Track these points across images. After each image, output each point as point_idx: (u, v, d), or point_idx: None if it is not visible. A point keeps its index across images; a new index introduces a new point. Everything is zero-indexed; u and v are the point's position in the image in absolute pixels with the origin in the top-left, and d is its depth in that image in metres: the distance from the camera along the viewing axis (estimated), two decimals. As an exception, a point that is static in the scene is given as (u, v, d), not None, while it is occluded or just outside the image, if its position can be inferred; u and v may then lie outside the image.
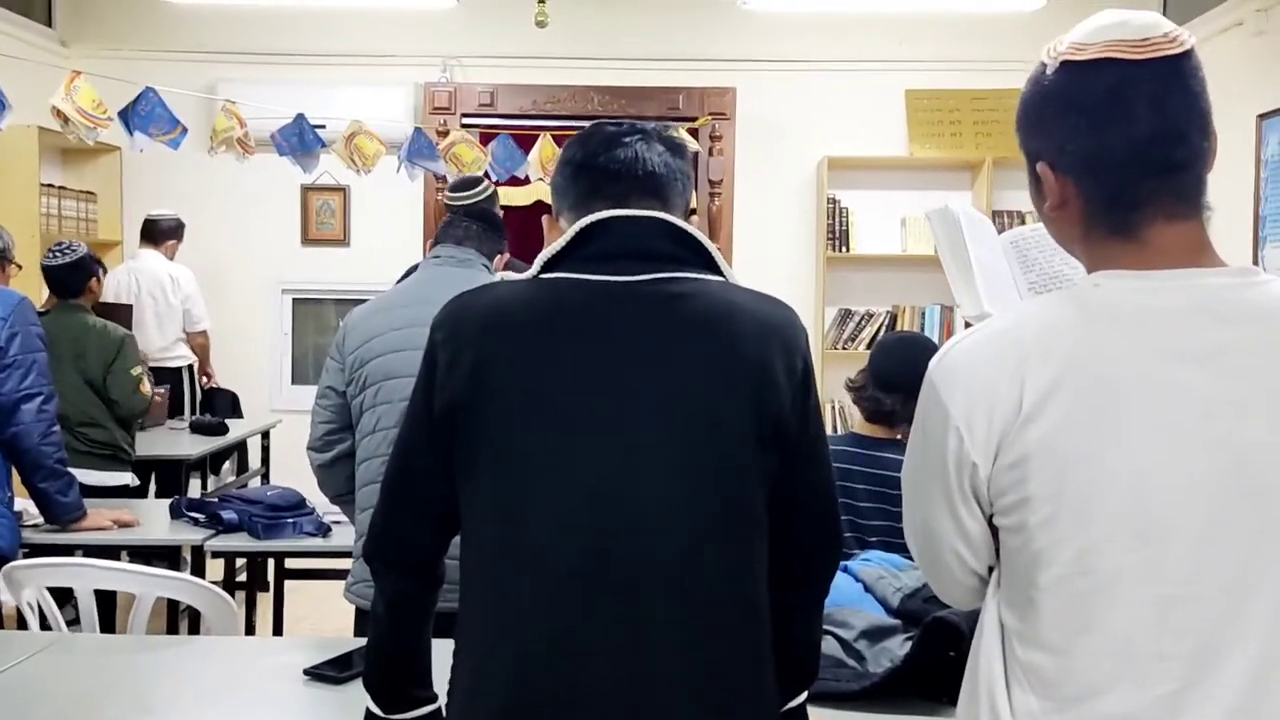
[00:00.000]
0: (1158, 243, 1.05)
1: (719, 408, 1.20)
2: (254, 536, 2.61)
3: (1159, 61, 1.04)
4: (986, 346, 1.07)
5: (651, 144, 1.31)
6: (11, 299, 2.58)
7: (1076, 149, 1.07)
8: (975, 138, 6.00)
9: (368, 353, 2.26)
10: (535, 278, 1.27)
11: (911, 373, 2.42)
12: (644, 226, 1.26)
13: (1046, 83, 1.09)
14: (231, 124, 3.67)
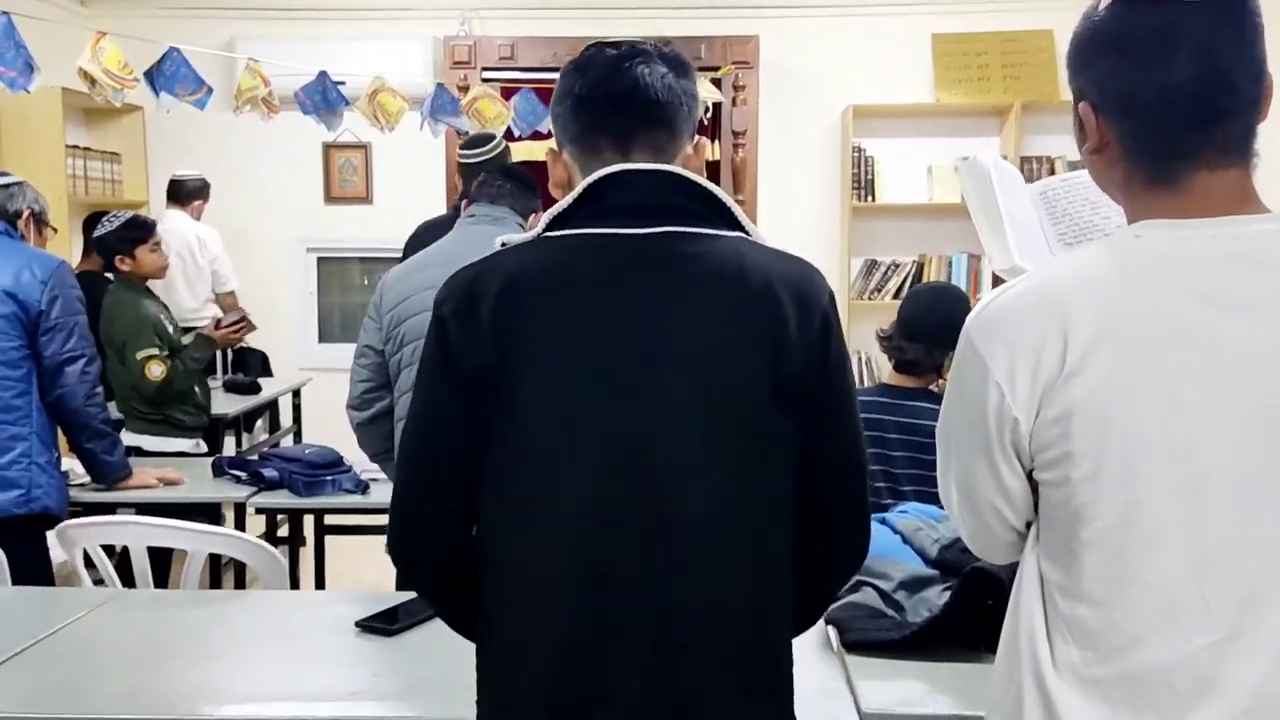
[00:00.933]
0: (1199, 191, 1.04)
1: (734, 366, 1.18)
2: (295, 493, 2.66)
3: (1209, 4, 1.02)
4: (1027, 299, 1.06)
5: (653, 65, 1.26)
6: (51, 263, 2.61)
7: (1117, 91, 1.06)
8: (1004, 81, 5.92)
9: (404, 311, 2.28)
10: (542, 236, 1.23)
11: (935, 321, 2.47)
12: (655, 179, 1.22)
13: (1096, 19, 1.08)
14: (256, 83, 3.68)
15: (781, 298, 1.19)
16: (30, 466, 2.47)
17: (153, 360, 3.42)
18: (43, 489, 2.49)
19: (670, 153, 1.26)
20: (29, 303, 2.52)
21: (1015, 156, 5.73)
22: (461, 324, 1.19)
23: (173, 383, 3.41)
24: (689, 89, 1.28)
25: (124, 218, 3.65)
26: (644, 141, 1.24)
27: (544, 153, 4.75)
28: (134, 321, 3.46)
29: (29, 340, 2.53)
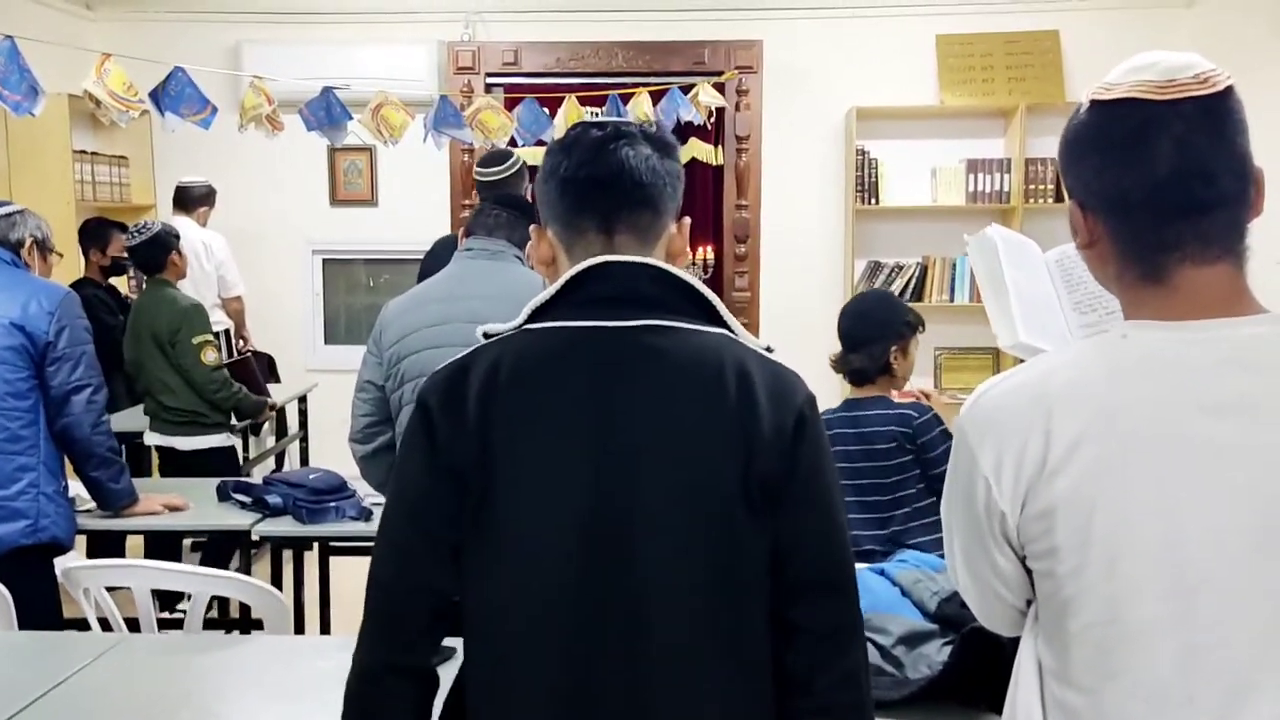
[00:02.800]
0: (1187, 289, 1.05)
1: (710, 467, 1.17)
2: (299, 521, 2.68)
3: (1185, 102, 1.03)
4: (1015, 396, 1.08)
5: (638, 147, 1.25)
6: (57, 293, 2.63)
7: (1101, 189, 1.08)
8: (1008, 83, 5.89)
9: (404, 348, 2.29)
10: (524, 328, 1.24)
11: (865, 325, 2.56)
12: (636, 272, 1.22)
13: (1078, 121, 1.11)
14: (260, 101, 3.68)
15: (758, 398, 1.18)
16: (38, 497, 2.50)
17: (208, 345, 3.59)
18: (50, 518, 2.52)
19: (655, 233, 1.27)
20: (36, 334, 2.54)
21: (1019, 158, 5.72)
22: (446, 419, 1.20)
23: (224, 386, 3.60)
24: (673, 169, 1.28)
25: (154, 228, 3.81)
26: (628, 224, 1.25)
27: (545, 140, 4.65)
28: (184, 310, 3.64)
29: (36, 370, 2.55)
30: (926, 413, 2.49)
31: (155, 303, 3.66)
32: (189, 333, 3.47)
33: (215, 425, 3.63)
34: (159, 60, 5.97)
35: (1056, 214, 5.82)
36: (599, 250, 1.25)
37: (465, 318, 2.28)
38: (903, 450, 2.45)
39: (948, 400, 5.95)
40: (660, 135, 1.29)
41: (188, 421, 3.56)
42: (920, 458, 2.45)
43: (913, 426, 2.45)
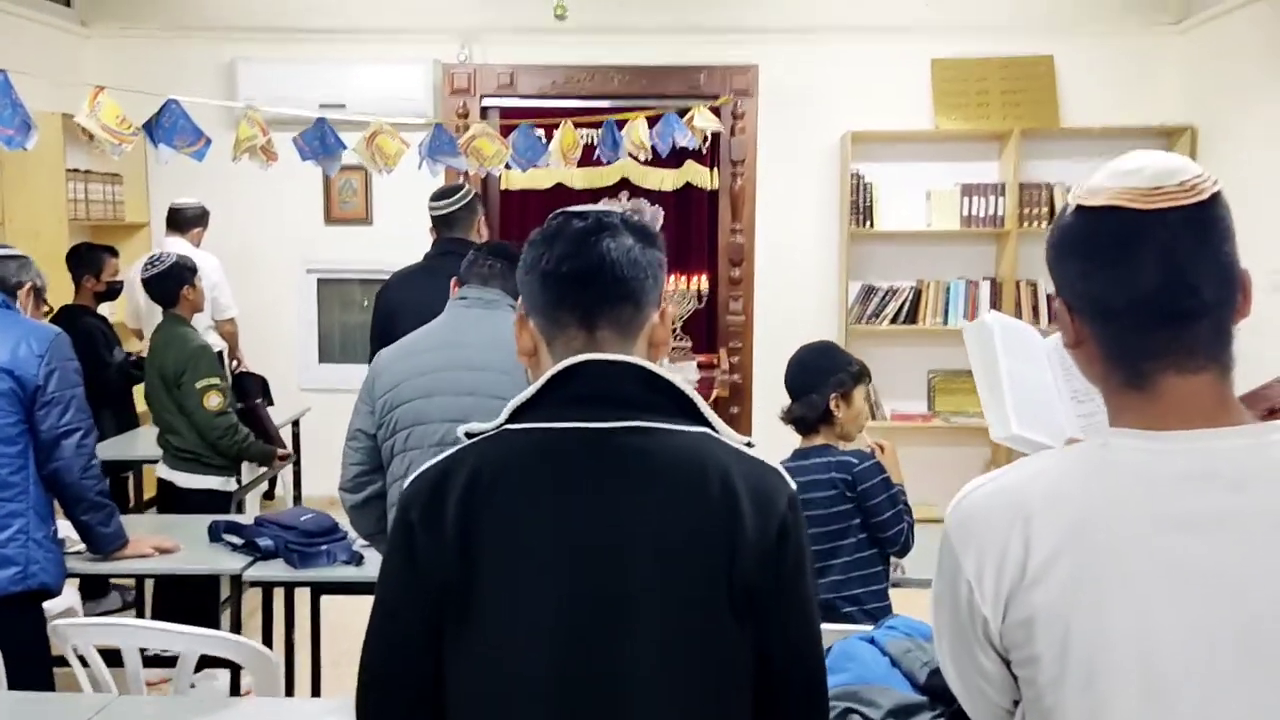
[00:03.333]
0: (1171, 397, 1.04)
1: (692, 573, 1.17)
2: (290, 565, 2.67)
3: (1170, 211, 1.03)
4: (996, 500, 1.08)
5: (620, 239, 1.25)
6: (47, 335, 2.61)
7: (1086, 293, 1.07)
8: (1003, 108, 5.91)
9: (397, 397, 2.29)
10: (504, 429, 1.23)
11: (802, 374, 2.62)
12: (619, 372, 1.22)
13: (1064, 223, 1.10)
14: (254, 132, 3.67)
15: (741, 501, 1.18)
16: (27, 543, 2.48)
17: (213, 390, 3.52)
18: (39, 564, 2.50)
19: (636, 326, 1.26)
20: (26, 378, 2.53)
21: (1014, 182, 5.74)
22: (427, 532, 1.19)
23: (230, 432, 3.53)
24: (655, 259, 1.28)
25: (167, 261, 3.76)
26: (609, 319, 1.24)
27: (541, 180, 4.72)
28: (194, 351, 3.57)
29: (25, 415, 2.54)
30: (867, 460, 2.52)
31: (166, 341, 3.61)
32: (193, 376, 3.42)
33: (219, 468, 3.59)
34: (152, 89, 5.99)
35: (1050, 238, 5.84)
36: (580, 345, 1.24)
37: (459, 366, 2.28)
38: (843, 498, 2.48)
39: (940, 424, 5.97)
40: (642, 225, 1.30)
41: (191, 459, 3.53)
42: (860, 505, 2.48)
43: (852, 474, 2.48)
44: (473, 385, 2.25)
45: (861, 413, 2.60)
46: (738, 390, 5.31)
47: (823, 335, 6.04)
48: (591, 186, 5.47)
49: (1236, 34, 5.31)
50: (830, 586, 2.49)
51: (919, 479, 5.87)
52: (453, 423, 2.24)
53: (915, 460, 5.86)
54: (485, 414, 2.19)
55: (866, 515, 2.48)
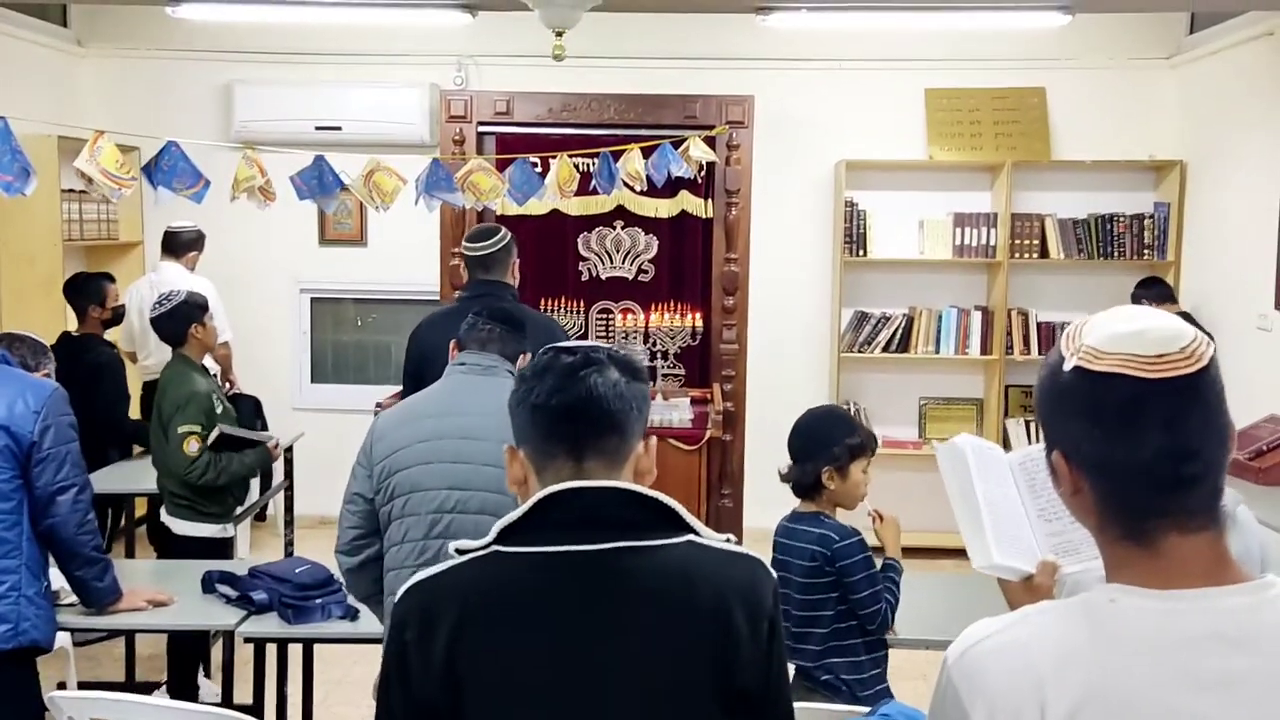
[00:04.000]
0: (1173, 555, 1.06)
1: (684, 688, 1.23)
2: (284, 620, 2.69)
3: (1173, 380, 1.04)
4: (1008, 659, 1.08)
5: (606, 374, 1.32)
6: (44, 390, 2.62)
7: (1090, 452, 1.08)
8: (995, 139, 5.95)
9: (394, 464, 2.31)
10: (494, 550, 1.27)
11: (800, 440, 2.62)
12: (605, 497, 1.27)
13: (1063, 380, 1.10)
14: (253, 172, 3.68)
15: (731, 608, 1.24)
16: (19, 600, 2.49)
17: (192, 436, 3.44)
18: (30, 621, 2.51)
19: (622, 456, 1.33)
20: (21, 434, 2.54)
21: (1005, 213, 5.78)
22: (419, 653, 1.25)
23: (208, 469, 3.44)
24: (640, 392, 1.35)
25: (176, 299, 3.69)
26: (596, 449, 1.31)
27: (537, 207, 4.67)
28: (187, 395, 3.50)
29: (21, 471, 2.55)
30: (849, 537, 2.51)
31: (167, 381, 3.58)
32: (180, 420, 3.39)
33: (213, 515, 3.55)
34: (147, 110, 6.01)
35: (1041, 269, 5.88)
36: (569, 474, 1.30)
37: (457, 434, 2.30)
38: (822, 571, 2.50)
39: (930, 451, 5.99)
40: (627, 359, 1.37)
41: (185, 506, 3.52)
42: (839, 581, 2.49)
43: (831, 549, 2.49)
44: (470, 454, 2.27)
45: (858, 486, 2.57)
46: (730, 418, 5.34)
47: (814, 363, 6.12)
48: (587, 213, 5.48)
49: (1228, 71, 5.35)
50: (809, 655, 2.52)
51: (909, 506, 5.88)
52: (450, 490, 2.27)
53: (906, 487, 5.91)
54: (482, 482, 2.24)
55: (845, 590, 2.49)
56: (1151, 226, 5.82)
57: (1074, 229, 5.86)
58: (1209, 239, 5.50)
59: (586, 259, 5.65)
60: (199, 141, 3.71)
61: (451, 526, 2.26)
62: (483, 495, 2.25)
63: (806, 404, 6.32)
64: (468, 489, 2.26)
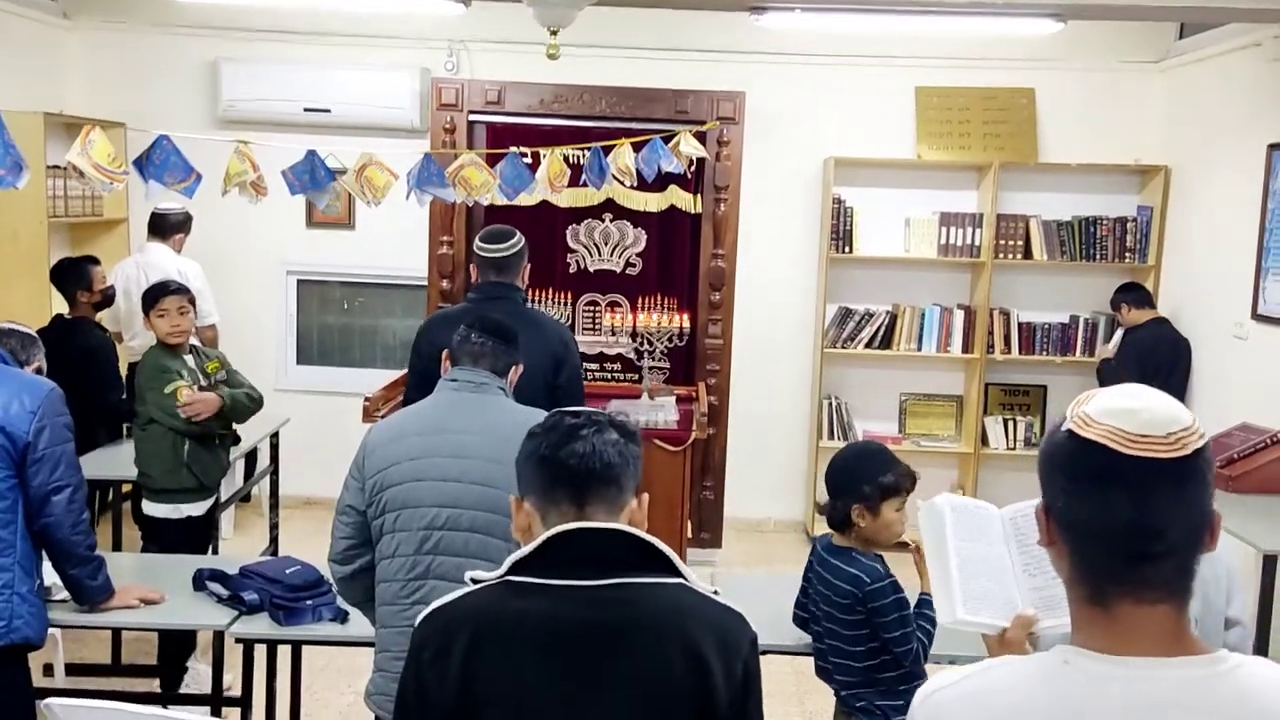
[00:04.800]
0: (1128, 623, 1.12)
1: (671, 704, 1.38)
2: (274, 621, 2.73)
3: (1150, 461, 1.09)
4: (966, 708, 1.16)
5: (605, 434, 1.50)
6: (40, 390, 2.64)
7: (1064, 509, 1.15)
8: (984, 139, 5.99)
9: (386, 479, 2.34)
10: (506, 580, 1.42)
11: (834, 475, 2.61)
12: (606, 537, 1.43)
13: (1056, 439, 1.16)
14: (245, 168, 3.68)
15: (712, 646, 1.40)
16: (11, 598, 2.52)
17: (180, 388, 3.61)
18: (23, 619, 2.53)
19: (619, 506, 1.48)
20: (16, 434, 2.55)
21: (991, 214, 5.83)
22: (436, 671, 1.41)
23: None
24: (635, 452, 1.52)
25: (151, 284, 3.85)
26: (596, 496, 1.46)
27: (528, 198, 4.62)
28: (150, 371, 3.66)
29: (16, 470, 2.56)
30: (880, 580, 2.50)
31: (140, 371, 3.75)
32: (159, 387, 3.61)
33: (190, 491, 3.66)
34: (133, 84, 5.96)
35: (1025, 269, 5.94)
36: (572, 519, 1.45)
37: (448, 452, 2.33)
38: (854, 610, 2.51)
39: (910, 446, 6.08)
40: (624, 423, 1.53)
41: (159, 490, 3.64)
42: (872, 620, 2.49)
43: (863, 591, 2.49)
44: (460, 472, 2.31)
45: (890, 525, 2.53)
46: (714, 411, 5.39)
47: (797, 357, 6.17)
48: (576, 205, 5.50)
49: (1216, 78, 5.40)
50: (846, 685, 2.54)
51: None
52: (440, 507, 2.31)
53: (884, 483, 6.01)
54: (472, 500, 2.28)
55: (879, 629, 2.48)
56: (1134, 230, 5.89)
57: (1058, 231, 5.92)
58: (1190, 245, 5.58)
59: (574, 251, 5.67)
60: (190, 135, 3.68)
61: (441, 543, 2.30)
62: (472, 513, 2.29)
63: (789, 398, 6.43)
64: (458, 506, 2.30)
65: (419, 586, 2.32)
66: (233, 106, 5.94)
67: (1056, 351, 6.00)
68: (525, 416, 2.45)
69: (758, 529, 6.21)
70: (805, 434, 6.16)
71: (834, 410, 6.09)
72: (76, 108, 5.91)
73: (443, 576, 2.31)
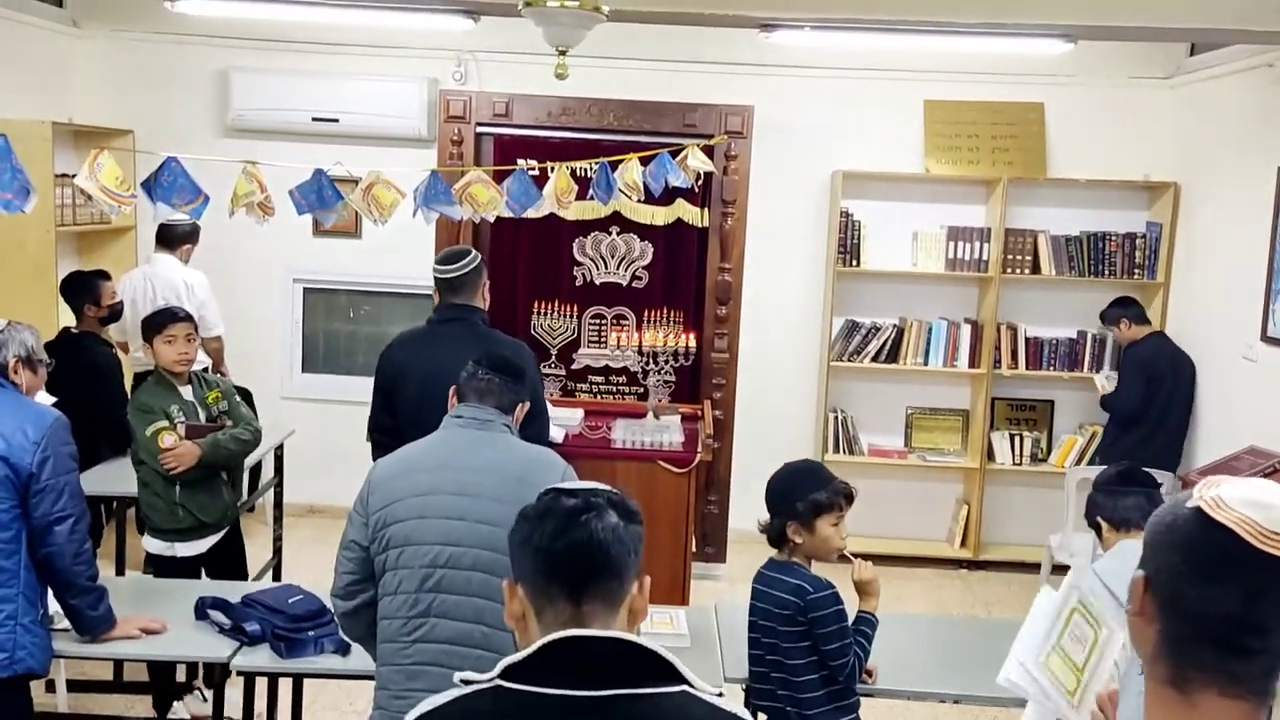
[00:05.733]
0: (1206, 713, 1.10)
1: None
2: (276, 654, 2.72)
3: (1277, 560, 1.08)
4: None
5: (605, 517, 1.39)
6: (45, 419, 2.64)
7: (1168, 584, 1.13)
8: (992, 153, 5.96)
9: (390, 515, 2.34)
10: (498, 686, 1.31)
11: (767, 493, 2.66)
12: (605, 646, 1.32)
13: (1180, 513, 1.14)
14: (253, 188, 3.67)
15: None
16: (15, 629, 2.53)
17: (163, 432, 3.50)
18: (26, 650, 2.55)
19: (619, 599, 1.38)
20: (20, 465, 2.56)
21: (999, 228, 5.81)
22: None
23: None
24: (636, 534, 1.41)
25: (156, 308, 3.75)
26: (594, 592, 1.36)
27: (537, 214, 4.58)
28: (137, 408, 3.57)
29: (19, 501, 2.57)
30: (823, 589, 2.56)
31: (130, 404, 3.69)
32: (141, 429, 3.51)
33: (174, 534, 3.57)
34: (143, 92, 5.95)
35: (1033, 284, 5.92)
36: (568, 617, 1.35)
37: (452, 489, 2.33)
38: (794, 620, 2.56)
39: (915, 460, 6.07)
40: (623, 502, 1.42)
41: (153, 528, 3.57)
42: (812, 632, 2.54)
43: (805, 600, 2.55)
44: (463, 510, 2.30)
45: (827, 540, 2.61)
46: (719, 425, 5.38)
47: (805, 369, 6.15)
48: (583, 218, 5.49)
49: (1227, 97, 5.37)
50: (772, 696, 2.60)
51: (894, 513, 6.04)
52: (443, 545, 2.31)
53: (890, 495, 6.01)
54: (475, 539, 2.28)
55: (818, 641, 2.55)
56: (1143, 246, 5.87)
57: (1066, 246, 5.90)
58: (1199, 263, 5.55)
59: (581, 263, 5.66)
60: (200, 147, 3.69)
61: (444, 581, 2.30)
62: (475, 552, 2.28)
63: (795, 411, 6.41)
64: (461, 545, 2.29)
65: (420, 624, 2.32)
66: (242, 115, 5.94)
67: (1064, 367, 5.98)
68: (531, 454, 2.46)
69: (762, 542, 6.17)
70: (811, 447, 6.15)
71: (840, 424, 6.08)
72: (86, 116, 5.92)
73: (444, 614, 2.31)
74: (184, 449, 3.51)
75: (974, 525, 6.00)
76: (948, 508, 6.17)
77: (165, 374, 3.66)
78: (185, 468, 3.50)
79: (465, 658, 2.25)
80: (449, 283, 3.51)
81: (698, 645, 2.98)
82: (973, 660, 2.85)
